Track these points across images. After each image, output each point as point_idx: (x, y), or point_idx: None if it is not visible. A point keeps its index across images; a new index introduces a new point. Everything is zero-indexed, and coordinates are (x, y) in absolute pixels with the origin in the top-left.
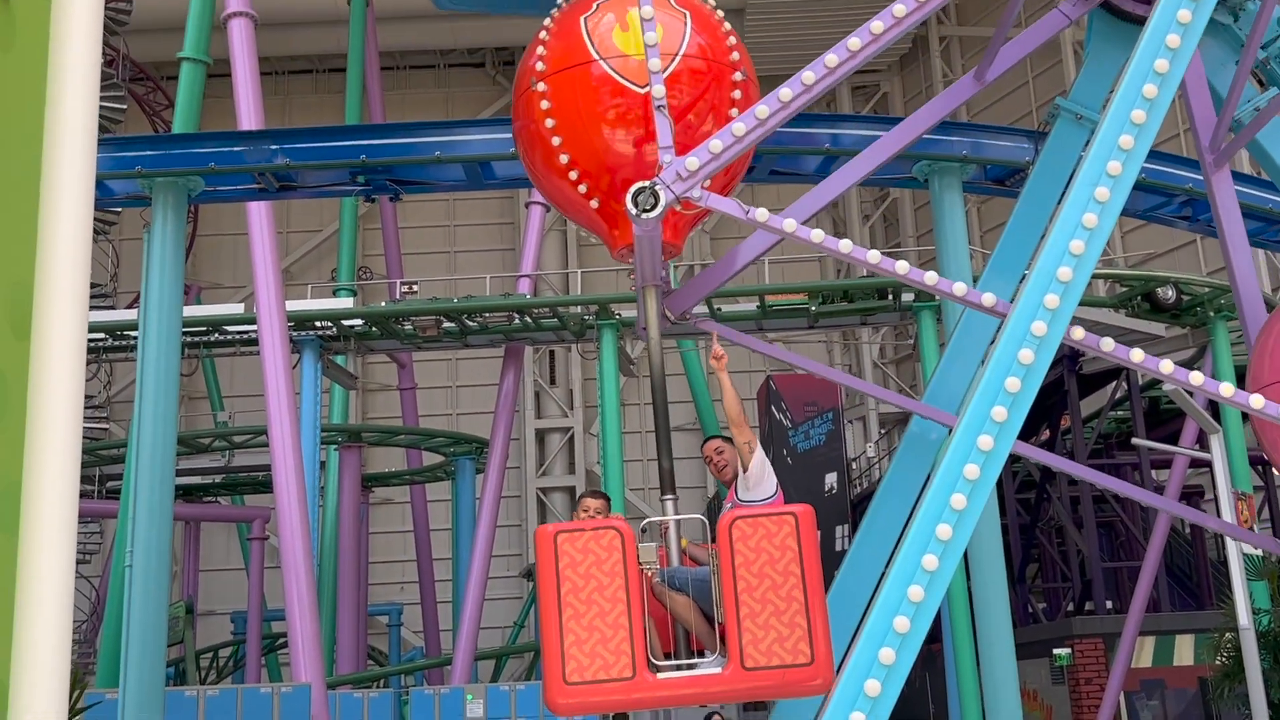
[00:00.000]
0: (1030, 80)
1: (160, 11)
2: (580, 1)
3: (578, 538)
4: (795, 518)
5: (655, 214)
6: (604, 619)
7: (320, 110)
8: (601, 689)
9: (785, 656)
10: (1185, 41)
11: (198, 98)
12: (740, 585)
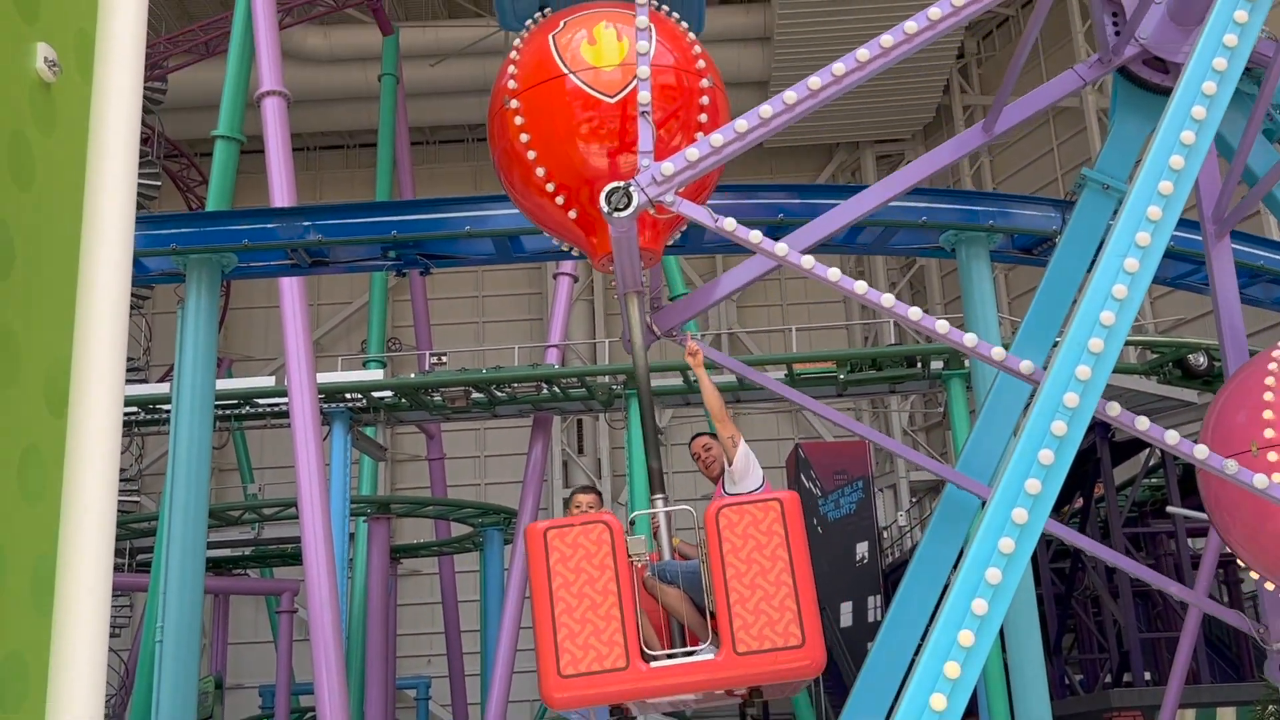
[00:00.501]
0: (1055, 147)
1: (194, 89)
2: (547, 22)
3: (567, 533)
4: (781, 503)
5: (627, 214)
6: (595, 611)
7: (351, 185)
8: (596, 680)
9: (776, 640)
10: (1211, 113)
11: (231, 174)
12: (729, 572)
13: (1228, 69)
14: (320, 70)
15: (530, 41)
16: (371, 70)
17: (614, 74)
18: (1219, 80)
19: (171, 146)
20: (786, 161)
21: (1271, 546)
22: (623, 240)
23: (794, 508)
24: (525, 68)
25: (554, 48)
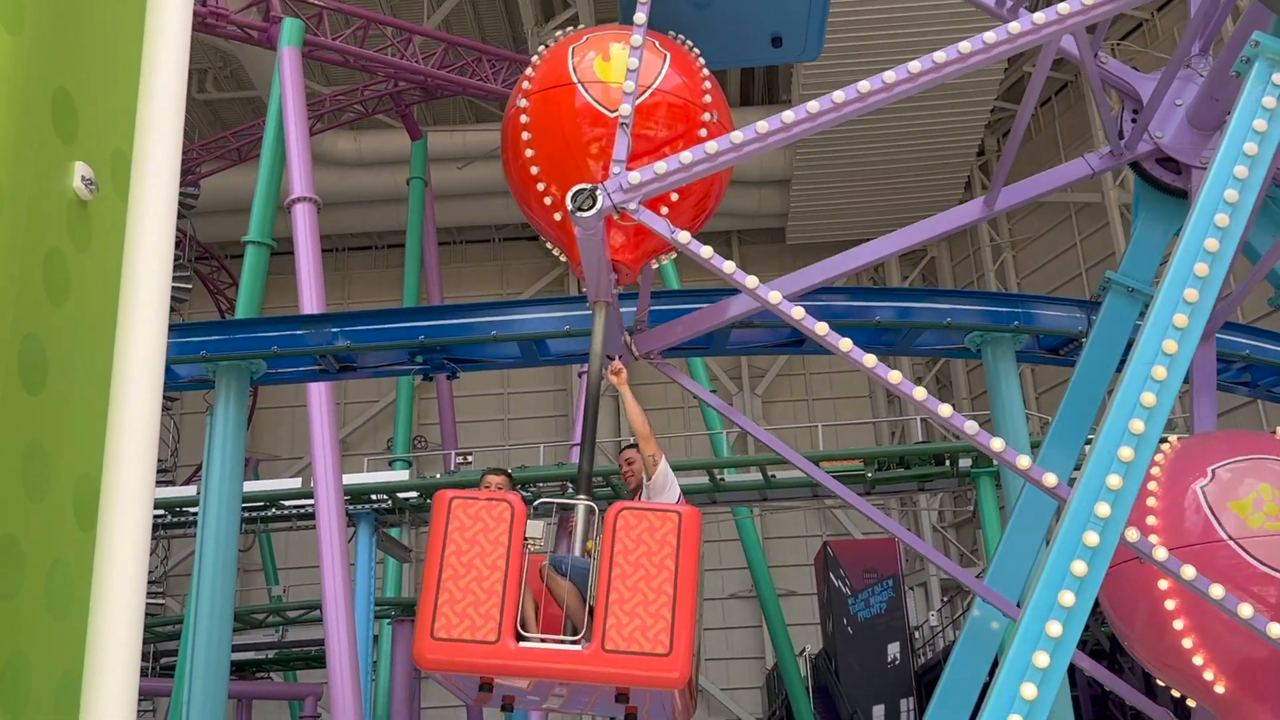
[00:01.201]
0: (1078, 243)
1: (225, 194)
2: (574, 35)
3: (471, 505)
4: (679, 516)
5: (590, 214)
6: (480, 584)
7: (379, 286)
8: (465, 648)
9: (645, 645)
10: (1234, 221)
11: (261, 279)
12: (615, 571)
13: (1249, 177)
14: (350, 173)
15: (554, 49)
16: (400, 173)
17: (619, 90)
18: (1240, 188)
19: (203, 250)
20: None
21: (1172, 661)
22: (589, 243)
23: (691, 523)
24: (541, 72)
25: (570, 58)
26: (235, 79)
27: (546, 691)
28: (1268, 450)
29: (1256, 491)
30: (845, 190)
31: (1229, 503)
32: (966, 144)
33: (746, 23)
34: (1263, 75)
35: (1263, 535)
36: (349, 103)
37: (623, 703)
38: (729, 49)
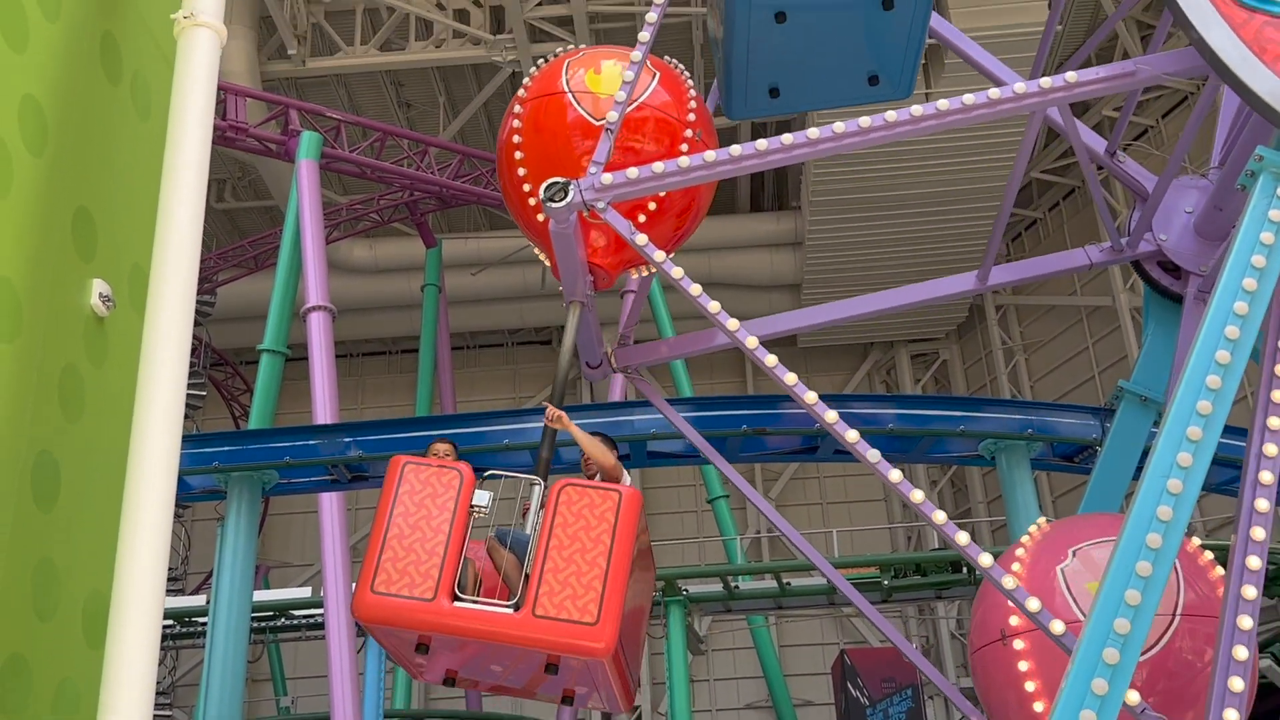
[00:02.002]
0: (1090, 346)
1: (241, 301)
2: (572, 51)
3: (423, 470)
4: (620, 495)
5: (560, 205)
6: (423, 545)
7: (392, 391)
8: (402, 604)
9: (573, 613)
10: (1245, 333)
11: (275, 387)
12: (552, 542)
13: (1258, 290)
14: (365, 280)
15: (551, 63)
16: (414, 280)
17: (606, 102)
18: (1250, 301)
19: (218, 356)
20: (822, 361)
21: None
22: (561, 238)
23: (632, 504)
24: (537, 82)
25: (564, 71)
26: (253, 189)
27: (484, 665)
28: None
29: None
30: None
31: (1086, 583)
32: (976, 249)
33: (844, 64)
34: (1268, 189)
35: None
36: (365, 212)
37: (552, 673)
38: (827, 90)
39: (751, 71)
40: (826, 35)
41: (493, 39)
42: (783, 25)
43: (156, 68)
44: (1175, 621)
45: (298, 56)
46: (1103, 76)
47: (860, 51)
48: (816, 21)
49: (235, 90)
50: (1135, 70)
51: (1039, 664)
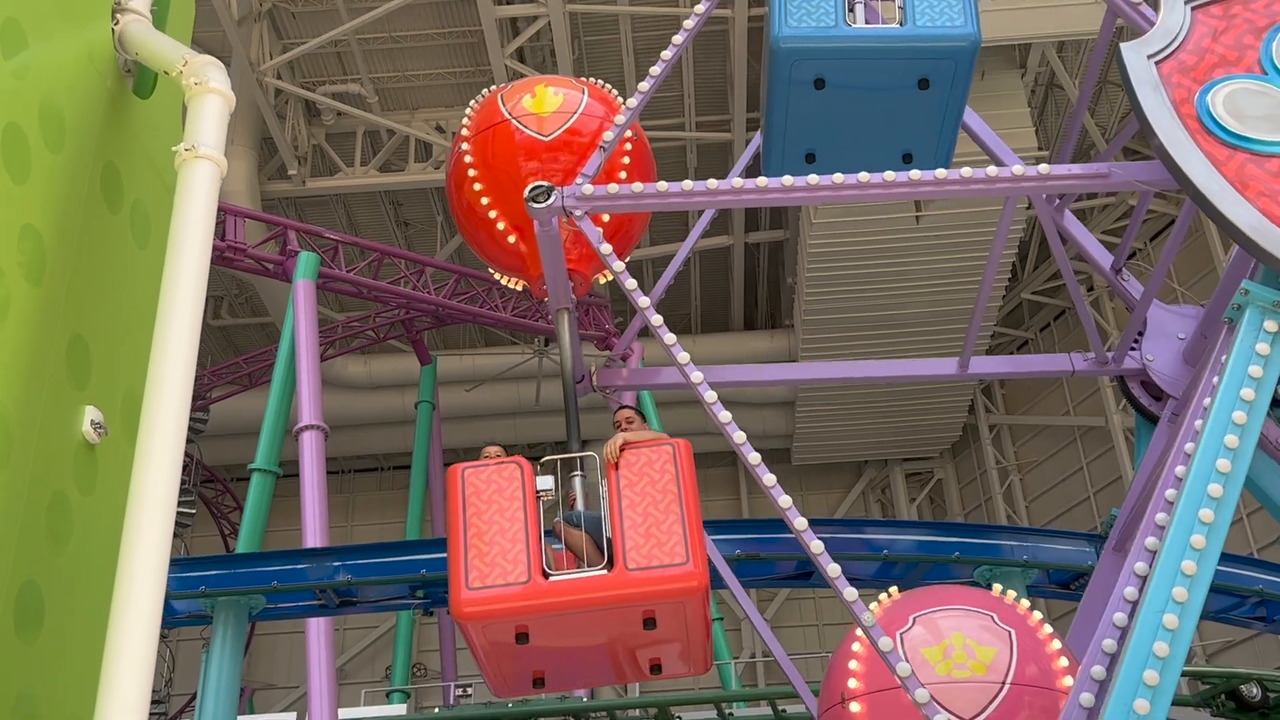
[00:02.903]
0: (1085, 466)
1: (234, 417)
2: (500, 87)
3: (482, 471)
4: (674, 448)
5: (542, 206)
6: (503, 535)
7: (384, 508)
8: (499, 593)
9: (663, 558)
10: (1236, 466)
11: (265, 508)
12: (624, 502)
13: (1248, 423)
14: (359, 397)
15: (484, 101)
16: (409, 396)
17: (550, 119)
18: (1240, 434)
19: (209, 473)
20: (817, 478)
21: None
22: (547, 239)
23: (686, 453)
24: (476, 120)
25: (500, 102)
26: (250, 305)
27: (575, 652)
28: (975, 603)
29: (949, 639)
30: (848, 413)
31: (923, 649)
32: None
33: (880, 138)
34: (1254, 322)
35: (949, 682)
36: (361, 329)
37: (650, 628)
38: (862, 162)
39: (790, 134)
40: (864, 108)
41: None
42: (822, 93)
43: (157, 196)
44: (1004, 690)
45: (298, 177)
46: (1076, 174)
47: (896, 128)
48: (854, 94)
49: (235, 211)
50: (1109, 173)
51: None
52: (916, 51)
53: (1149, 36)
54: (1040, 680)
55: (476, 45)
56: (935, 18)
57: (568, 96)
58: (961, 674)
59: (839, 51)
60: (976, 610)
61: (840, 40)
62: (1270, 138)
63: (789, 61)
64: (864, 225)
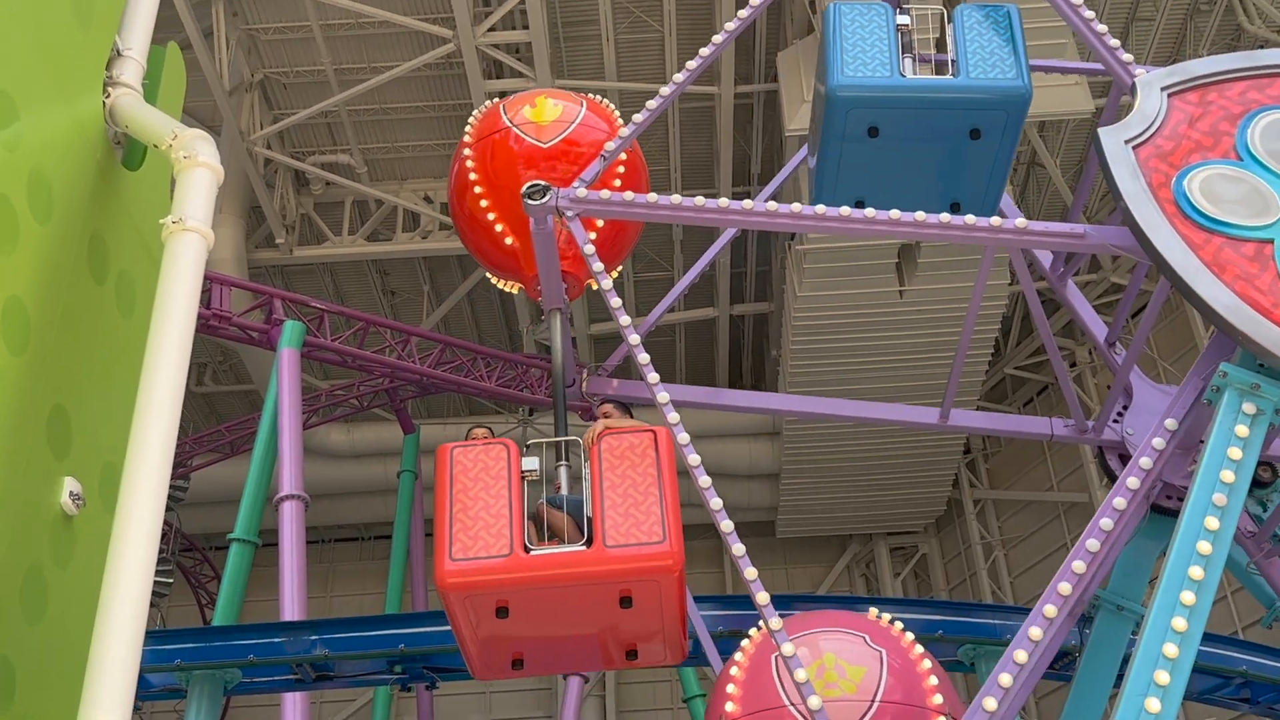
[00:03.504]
0: (1069, 542)
1: (214, 486)
2: (500, 99)
3: (470, 450)
4: (655, 434)
5: (537, 204)
6: (488, 511)
7: (364, 579)
8: (482, 565)
9: (641, 536)
10: (1218, 548)
11: (243, 578)
12: (605, 483)
13: (1228, 505)
14: (341, 465)
15: (485, 114)
16: (391, 465)
17: (549, 128)
18: (1221, 515)
19: (187, 542)
20: (800, 552)
21: None
22: (540, 237)
23: (666, 440)
24: (478, 128)
25: (502, 111)
26: (234, 373)
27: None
28: (850, 625)
29: (821, 660)
30: (834, 485)
31: (795, 670)
32: (953, 442)
33: (930, 187)
34: (1233, 405)
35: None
36: (345, 398)
37: (627, 607)
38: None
39: (841, 182)
40: (915, 157)
41: None
42: (874, 141)
43: (143, 267)
44: (873, 708)
45: (285, 245)
46: (1052, 231)
47: (946, 176)
48: (906, 143)
49: (221, 280)
50: (1085, 234)
51: None
52: (970, 102)
53: (1127, 121)
54: (909, 699)
55: (466, 118)
56: (987, 69)
57: (566, 108)
58: (833, 693)
59: (894, 101)
60: (850, 632)
61: (896, 90)
62: (1246, 222)
63: (844, 110)
64: (848, 299)
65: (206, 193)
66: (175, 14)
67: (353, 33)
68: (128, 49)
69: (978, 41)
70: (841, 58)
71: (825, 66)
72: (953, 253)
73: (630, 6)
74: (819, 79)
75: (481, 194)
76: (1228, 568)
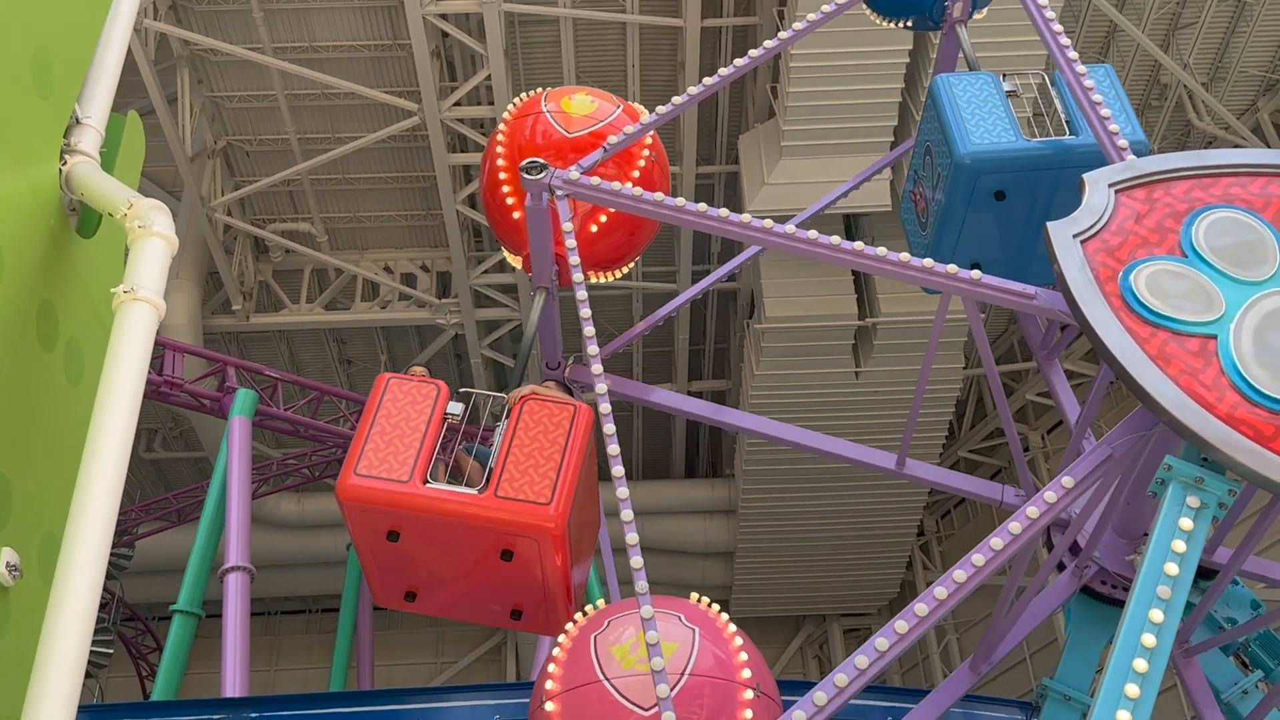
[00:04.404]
0: (1028, 658)
1: (159, 554)
2: (547, 89)
3: (405, 384)
4: (575, 409)
5: (533, 179)
6: (402, 440)
7: (310, 652)
8: (381, 485)
9: (529, 494)
10: (1162, 640)
11: (185, 651)
12: (514, 441)
13: (1172, 598)
14: (290, 536)
15: (530, 99)
16: (341, 537)
17: (578, 120)
18: (1165, 608)
19: (129, 612)
20: (754, 632)
21: None
22: (534, 213)
23: (585, 416)
24: (518, 110)
25: (544, 99)
26: (184, 440)
27: (443, 571)
28: (666, 605)
29: (636, 636)
30: (789, 565)
31: (611, 646)
32: (906, 524)
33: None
34: (1177, 498)
35: (632, 675)
36: (297, 467)
37: (507, 560)
38: (1026, 275)
39: (961, 247)
40: (1035, 217)
41: (438, 302)
42: (999, 204)
43: (93, 335)
44: (683, 680)
45: (242, 312)
46: (1005, 288)
47: (1029, 276)
48: (1029, 204)
49: (174, 346)
50: (1035, 295)
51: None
52: (1096, 159)
53: (1075, 216)
54: (718, 672)
55: (429, 190)
56: None
57: (601, 106)
58: (643, 667)
59: (1024, 163)
60: (664, 611)
61: (1024, 152)
62: (1190, 318)
63: (974, 176)
64: (805, 379)
65: (160, 263)
66: (140, 80)
67: (318, 103)
68: (87, 117)
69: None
70: (964, 126)
71: (946, 136)
72: (909, 335)
73: (597, 83)
74: (935, 157)
75: (502, 167)
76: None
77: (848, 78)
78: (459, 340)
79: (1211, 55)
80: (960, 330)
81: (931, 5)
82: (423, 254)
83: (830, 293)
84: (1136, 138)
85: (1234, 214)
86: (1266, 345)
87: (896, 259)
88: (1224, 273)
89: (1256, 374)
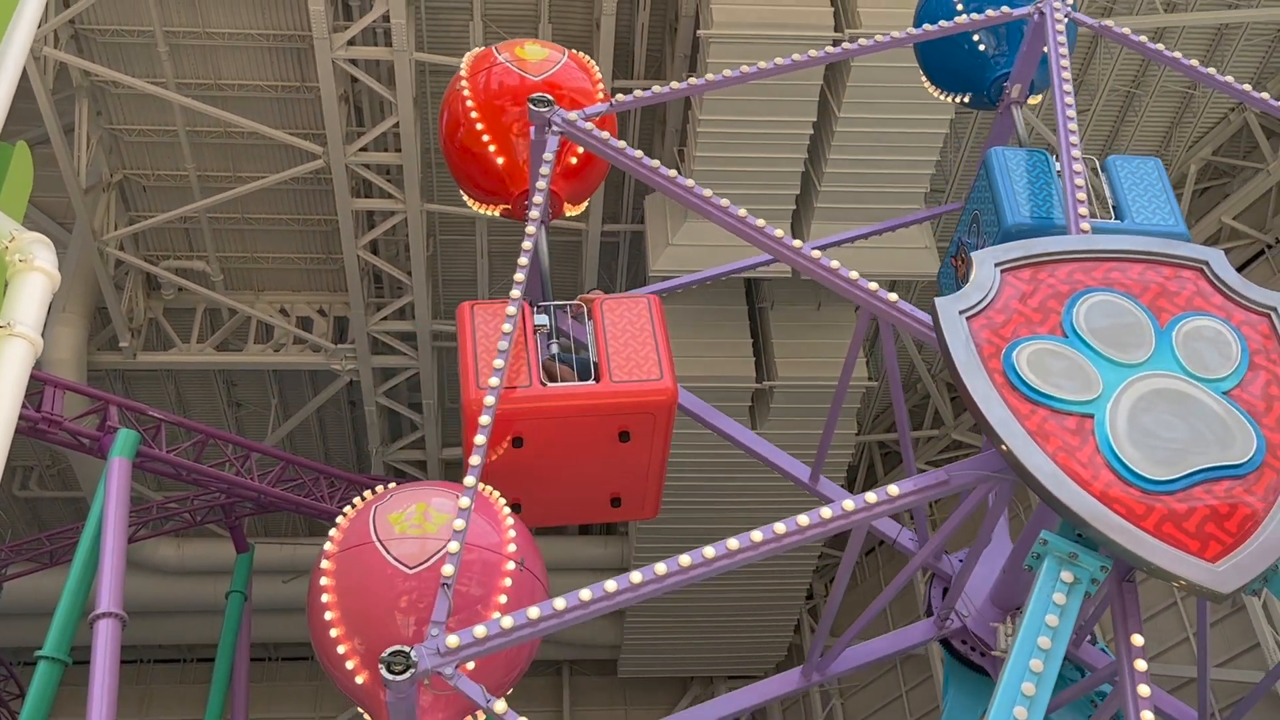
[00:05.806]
0: (904, 694)
1: (27, 597)
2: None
3: (488, 307)
4: (649, 300)
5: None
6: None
7: (182, 703)
8: (508, 393)
9: (641, 375)
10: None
11: (49, 699)
12: (609, 335)
13: (1044, 671)
14: (167, 582)
15: (476, 56)
16: (221, 584)
17: (536, 65)
18: (1037, 681)
19: None
20: (640, 693)
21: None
22: (539, 145)
23: (658, 305)
24: (472, 65)
25: (495, 51)
26: (61, 479)
27: (556, 468)
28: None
29: (412, 507)
30: (678, 625)
31: (388, 515)
32: (795, 588)
33: None
34: (1052, 572)
35: (403, 538)
36: (178, 511)
37: (625, 441)
38: None
39: None
40: None
41: (334, 347)
42: None
43: None
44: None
45: (129, 349)
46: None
47: None
48: None
49: (55, 382)
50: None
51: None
52: None
53: (963, 292)
54: (484, 543)
55: (330, 234)
56: (1150, 215)
57: (550, 54)
58: (414, 532)
59: None
60: (446, 490)
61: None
62: (1069, 396)
63: None
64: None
65: (39, 298)
66: (37, 108)
67: (220, 140)
68: None
69: (1136, 189)
70: (1016, 198)
71: (996, 205)
72: (805, 400)
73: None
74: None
75: (477, 118)
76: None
77: (754, 145)
78: (353, 387)
79: (1098, 148)
80: (854, 398)
81: (990, 85)
82: (320, 298)
83: (728, 355)
84: (1179, 230)
85: (1113, 298)
86: (1141, 426)
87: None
88: (1102, 354)
89: (1130, 454)
